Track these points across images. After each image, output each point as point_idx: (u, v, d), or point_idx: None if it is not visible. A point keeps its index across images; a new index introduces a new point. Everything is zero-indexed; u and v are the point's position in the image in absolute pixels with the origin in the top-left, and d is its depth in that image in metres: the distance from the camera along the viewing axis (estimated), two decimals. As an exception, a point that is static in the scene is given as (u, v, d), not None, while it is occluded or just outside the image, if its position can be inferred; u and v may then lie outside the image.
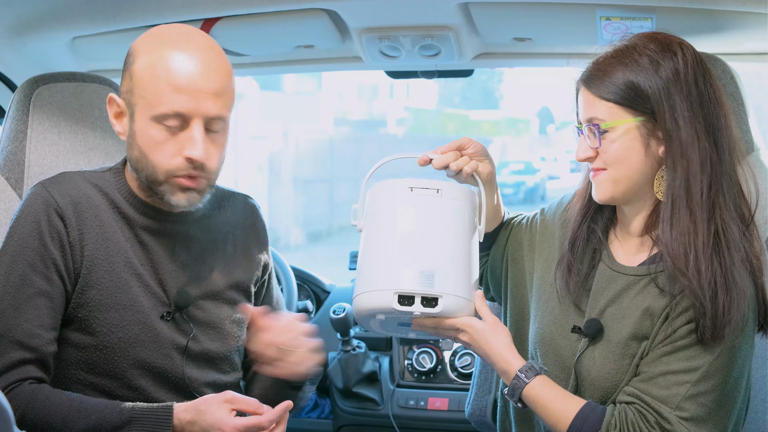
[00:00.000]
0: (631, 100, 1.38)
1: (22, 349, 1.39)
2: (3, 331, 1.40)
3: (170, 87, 1.40)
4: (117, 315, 1.45)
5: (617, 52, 1.42)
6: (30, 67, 2.16)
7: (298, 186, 13.76)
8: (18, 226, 1.46)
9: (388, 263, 1.42)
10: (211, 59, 1.43)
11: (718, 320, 1.33)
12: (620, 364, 1.41)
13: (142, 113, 1.43)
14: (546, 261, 1.57)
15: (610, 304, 1.45)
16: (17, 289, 1.42)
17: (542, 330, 1.52)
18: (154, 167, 1.44)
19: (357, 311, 1.46)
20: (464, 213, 1.47)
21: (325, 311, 2.58)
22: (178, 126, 1.42)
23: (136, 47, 1.46)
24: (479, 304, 1.46)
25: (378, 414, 2.34)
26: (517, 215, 1.71)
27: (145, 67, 1.42)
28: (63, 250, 1.45)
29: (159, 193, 1.46)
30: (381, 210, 1.48)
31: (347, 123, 19.75)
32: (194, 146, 1.42)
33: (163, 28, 1.48)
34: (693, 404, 1.34)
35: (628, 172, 1.41)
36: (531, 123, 24.93)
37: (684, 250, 1.35)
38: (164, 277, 1.50)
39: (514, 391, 1.43)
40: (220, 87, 1.43)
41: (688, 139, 1.37)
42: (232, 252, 1.60)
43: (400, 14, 1.95)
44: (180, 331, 1.50)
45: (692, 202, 1.37)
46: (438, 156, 1.52)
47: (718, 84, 1.44)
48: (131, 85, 1.44)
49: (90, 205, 1.48)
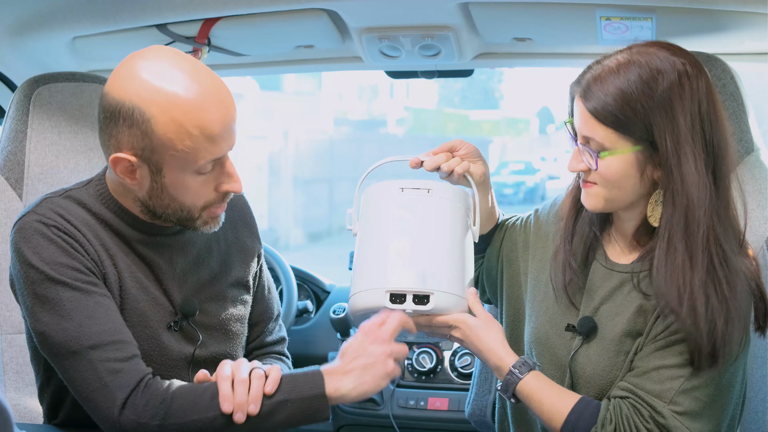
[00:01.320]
0: (631, 130, 1.34)
1: (118, 350, 1.34)
2: (93, 343, 1.32)
3: (208, 141, 1.34)
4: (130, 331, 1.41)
5: (619, 68, 1.35)
6: (30, 67, 2.16)
7: (298, 186, 13.76)
8: (34, 255, 1.36)
9: (379, 263, 1.43)
10: (224, 91, 1.37)
11: (716, 350, 1.32)
12: (615, 361, 1.41)
13: (173, 169, 1.36)
14: (540, 261, 1.57)
15: (604, 302, 1.45)
16: (76, 305, 1.34)
17: (537, 329, 1.52)
18: (191, 209, 1.41)
19: (352, 312, 1.48)
20: (455, 212, 1.48)
21: (325, 311, 2.58)
22: (214, 169, 1.39)
23: (135, 100, 1.32)
24: (472, 301, 1.46)
25: (378, 414, 2.34)
26: (511, 216, 1.71)
27: (169, 125, 1.32)
28: (89, 255, 1.39)
29: (190, 227, 1.44)
30: (373, 211, 1.49)
31: (347, 123, 19.74)
32: (233, 180, 1.41)
33: (150, 65, 1.34)
34: (687, 398, 1.34)
35: (621, 193, 1.39)
36: (531, 123, 24.91)
37: (678, 290, 1.32)
38: (168, 286, 1.47)
39: (507, 386, 1.43)
40: (236, 117, 1.40)
41: (690, 176, 1.32)
42: (230, 249, 1.60)
43: (400, 14, 1.95)
44: (187, 339, 1.49)
45: (690, 238, 1.33)
46: (429, 158, 1.52)
47: (720, 101, 1.39)
48: (150, 143, 1.33)
49: (84, 224, 1.41)
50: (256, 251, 1.65)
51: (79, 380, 1.32)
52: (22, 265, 1.37)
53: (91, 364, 1.31)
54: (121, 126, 1.34)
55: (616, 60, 1.37)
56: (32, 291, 1.35)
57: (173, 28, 2.01)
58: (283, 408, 1.32)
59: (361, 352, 1.36)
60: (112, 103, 1.35)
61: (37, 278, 1.35)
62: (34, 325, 1.36)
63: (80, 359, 1.32)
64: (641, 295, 1.40)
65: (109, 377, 1.31)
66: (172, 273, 1.48)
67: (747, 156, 1.71)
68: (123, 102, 1.33)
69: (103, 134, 1.39)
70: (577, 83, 1.40)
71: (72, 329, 1.32)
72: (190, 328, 1.49)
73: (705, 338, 1.31)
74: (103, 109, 1.37)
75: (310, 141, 15.28)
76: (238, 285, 1.59)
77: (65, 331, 1.33)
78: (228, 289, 1.57)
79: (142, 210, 1.44)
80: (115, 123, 1.35)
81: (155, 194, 1.40)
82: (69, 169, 1.96)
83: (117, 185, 1.45)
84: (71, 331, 1.32)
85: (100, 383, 1.31)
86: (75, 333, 1.32)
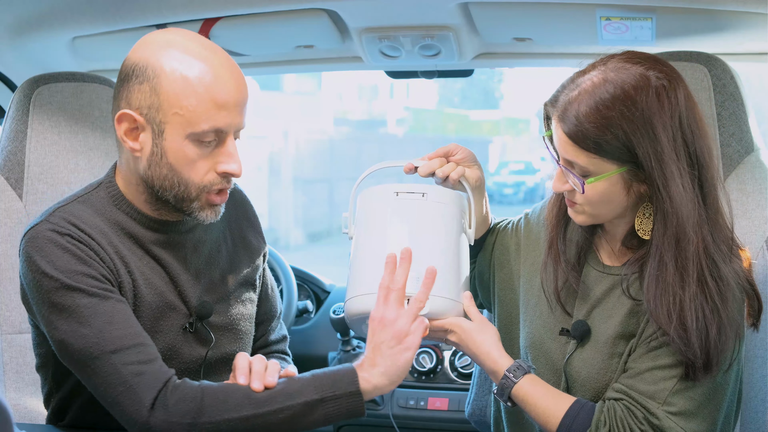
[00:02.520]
0: (614, 154, 1.31)
1: (140, 353, 1.32)
2: (114, 348, 1.31)
3: (212, 103, 1.34)
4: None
5: (594, 89, 1.31)
6: (30, 67, 2.16)
7: (298, 186, 13.76)
8: (48, 263, 1.34)
9: (374, 267, 1.42)
10: (238, 71, 1.39)
11: (710, 360, 1.31)
12: (609, 363, 1.41)
13: (175, 130, 1.35)
14: (533, 265, 1.57)
15: (596, 305, 1.45)
16: (94, 311, 1.33)
17: (532, 334, 1.52)
18: (188, 184, 1.39)
19: (348, 317, 1.48)
20: (450, 215, 1.48)
21: (325, 311, 2.58)
22: (214, 142, 1.38)
23: (151, 59, 1.35)
24: (467, 305, 1.46)
25: (378, 414, 2.34)
26: (502, 220, 1.71)
27: (178, 81, 1.34)
28: (104, 263, 1.38)
29: (187, 209, 1.42)
30: (368, 215, 1.49)
31: (347, 123, 19.72)
32: (232, 161, 1.39)
33: (171, 36, 1.38)
34: (681, 398, 1.33)
35: (608, 209, 1.38)
36: (531, 123, 24.88)
37: (667, 309, 1.31)
38: (183, 288, 1.46)
39: (503, 390, 1.43)
40: (247, 98, 1.40)
41: (677, 195, 1.31)
42: (237, 247, 1.60)
43: (400, 14, 1.95)
44: (199, 341, 1.49)
45: (681, 255, 1.32)
46: (423, 163, 1.52)
47: (698, 106, 1.36)
48: (157, 100, 1.34)
49: (98, 232, 1.40)
50: (261, 250, 1.65)
51: (104, 385, 1.31)
52: (36, 274, 1.35)
53: (114, 368, 1.30)
54: (133, 83, 1.36)
55: (590, 81, 1.33)
56: (48, 300, 1.34)
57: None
58: (319, 407, 1.31)
59: (386, 344, 1.36)
60: (128, 64, 1.38)
61: (53, 287, 1.33)
62: (52, 334, 1.34)
63: (103, 364, 1.30)
64: (631, 300, 1.40)
65: (134, 379, 1.29)
66: (187, 273, 1.48)
67: (747, 156, 1.71)
68: (138, 62, 1.37)
69: (115, 101, 1.40)
70: (552, 103, 1.37)
71: (92, 335, 1.31)
72: (204, 329, 1.49)
73: (698, 352, 1.30)
74: (120, 73, 1.39)
75: (310, 141, 15.27)
76: (246, 284, 1.59)
77: (85, 337, 1.31)
78: (238, 287, 1.57)
79: (146, 198, 1.43)
80: (127, 83, 1.37)
81: (155, 162, 1.38)
82: (69, 169, 1.96)
83: (127, 181, 1.44)
84: (91, 338, 1.31)
85: (125, 386, 1.29)
86: (95, 339, 1.31)
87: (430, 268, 1.40)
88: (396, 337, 1.35)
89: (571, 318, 1.47)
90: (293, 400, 1.31)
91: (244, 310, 1.57)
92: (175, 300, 1.46)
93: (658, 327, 1.33)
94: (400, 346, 1.35)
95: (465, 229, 1.51)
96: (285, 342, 1.75)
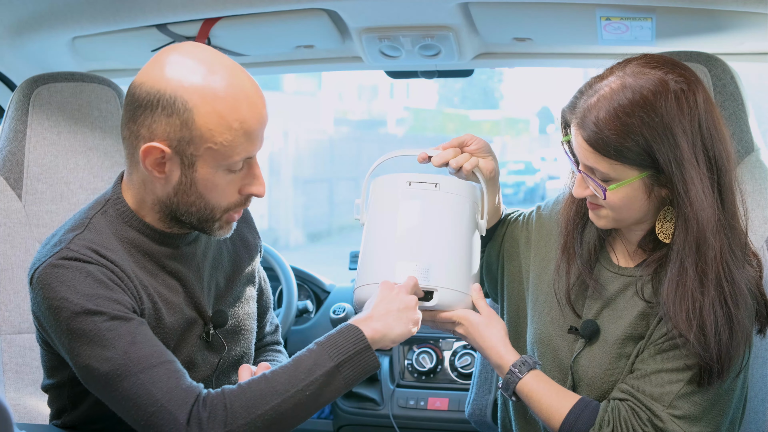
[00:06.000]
0: (635, 160, 1.31)
1: (168, 370, 1.29)
2: (142, 368, 1.28)
3: (245, 137, 1.33)
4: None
5: (613, 95, 1.30)
6: (30, 66, 2.16)
7: (298, 186, 13.75)
8: (68, 289, 1.30)
9: (385, 257, 1.43)
10: (260, 93, 1.36)
11: (723, 366, 1.31)
12: (616, 364, 1.41)
13: (207, 163, 1.33)
14: (543, 260, 1.57)
15: (607, 305, 1.45)
16: (116, 333, 1.29)
17: (540, 330, 1.52)
18: (213, 208, 1.38)
19: (356, 304, 1.49)
20: (462, 207, 1.47)
21: (325, 311, 2.58)
22: (244, 168, 1.37)
23: (179, 91, 1.30)
24: (476, 297, 1.46)
25: (378, 414, 2.34)
26: (513, 212, 1.70)
27: (212, 117, 1.30)
28: (128, 290, 1.35)
29: (207, 229, 1.41)
30: (380, 204, 1.49)
31: (347, 123, 19.72)
32: (258, 183, 1.39)
33: (191, 61, 1.32)
34: (686, 403, 1.33)
35: (630, 213, 1.38)
36: (531, 123, 24.88)
37: (687, 314, 1.31)
38: (198, 300, 1.45)
39: (507, 385, 1.43)
40: (268, 118, 1.38)
41: (698, 201, 1.31)
42: (236, 247, 1.60)
43: (400, 14, 1.94)
44: (211, 349, 1.49)
45: (701, 261, 1.32)
46: (437, 153, 1.51)
47: (717, 108, 1.36)
48: (189, 134, 1.30)
49: (120, 257, 1.37)
50: (257, 246, 1.66)
51: (134, 407, 1.27)
52: (54, 301, 1.30)
53: (144, 388, 1.27)
54: (159, 115, 1.30)
55: (609, 86, 1.32)
56: (67, 327, 1.29)
57: (173, 28, 2.01)
58: (337, 373, 1.31)
59: (386, 301, 1.37)
60: (150, 92, 1.31)
61: (71, 313, 1.29)
62: (75, 361, 1.30)
63: (131, 386, 1.27)
64: (643, 302, 1.40)
65: (165, 398, 1.26)
66: (200, 283, 1.47)
67: (747, 156, 1.71)
68: (164, 91, 1.30)
69: (132, 125, 1.34)
70: (570, 110, 1.37)
71: (117, 358, 1.28)
72: (217, 337, 1.49)
73: (714, 358, 1.30)
74: (136, 98, 1.32)
75: (310, 141, 15.27)
76: (248, 282, 1.60)
77: (110, 360, 1.28)
78: (242, 287, 1.57)
79: (161, 217, 1.40)
80: (151, 112, 1.31)
81: (182, 190, 1.36)
82: (68, 169, 1.96)
83: (139, 199, 1.41)
84: (117, 360, 1.27)
85: (156, 406, 1.26)
86: (121, 361, 1.27)
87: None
88: (404, 306, 1.36)
89: (580, 317, 1.47)
90: (313, 374, 1.30)
91: (248, 308, 1.58)
92: (193, 314, 1.45)
93: (678, 333, 1.32)
94: (404, 313, 1.36)
95: (477, 221, 1.51)
96: (278, 332, 1.77)
